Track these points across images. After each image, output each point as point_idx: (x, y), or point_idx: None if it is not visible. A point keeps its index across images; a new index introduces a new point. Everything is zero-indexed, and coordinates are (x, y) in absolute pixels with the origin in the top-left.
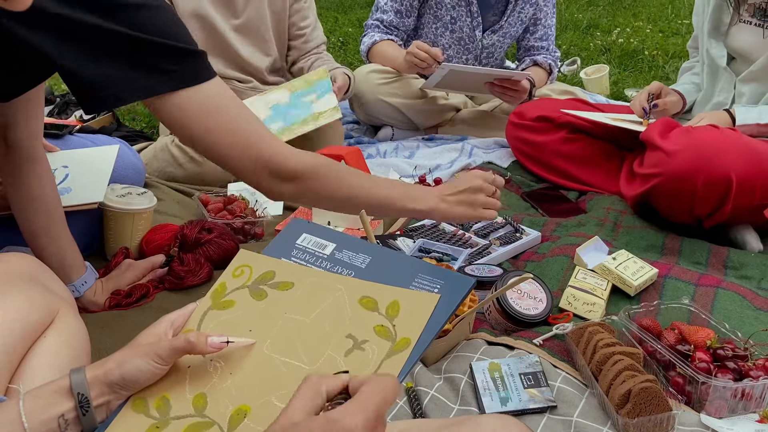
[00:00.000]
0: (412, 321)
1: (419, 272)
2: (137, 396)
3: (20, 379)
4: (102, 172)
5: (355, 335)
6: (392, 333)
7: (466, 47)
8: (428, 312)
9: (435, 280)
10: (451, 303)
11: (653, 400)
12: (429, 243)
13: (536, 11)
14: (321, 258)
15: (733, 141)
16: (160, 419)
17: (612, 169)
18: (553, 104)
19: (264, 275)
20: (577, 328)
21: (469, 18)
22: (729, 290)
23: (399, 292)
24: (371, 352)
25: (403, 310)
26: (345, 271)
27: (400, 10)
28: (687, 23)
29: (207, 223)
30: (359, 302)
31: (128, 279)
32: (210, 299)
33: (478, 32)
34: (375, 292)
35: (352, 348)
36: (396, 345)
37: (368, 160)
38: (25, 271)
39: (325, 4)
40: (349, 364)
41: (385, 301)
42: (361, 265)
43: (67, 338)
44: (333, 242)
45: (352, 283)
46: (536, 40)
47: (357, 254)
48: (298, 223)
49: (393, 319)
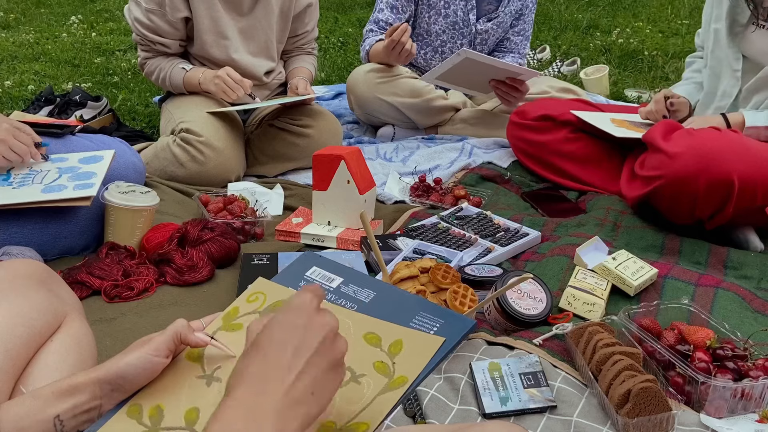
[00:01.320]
0: (413, 361)
1: (421, 310)
2: (134, 402)
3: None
4: (96, 172)
5: (354, 369)
6: (391, 370)
7: (460, 32)
8: (430, 354)
9: (435, 319)
10: (449, 343)
11: (653, 400)
12: (424, 245)
13: (522, 7)
14: (327, 290)
15: (735, 143)
16: (150, 428)
17: (612, 169)
18: (554, 104)
19: (276, 303)
20: (576, 328)
21: (463, 1)
22: (729, 291)
23: (404, 332)
24: (366, 387)
25: (406, 350)
26: (349, 304)
27: (396, 6)
28: (687, 23)
29: (209, 223)
30: (364, 337)
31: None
32: (221, 320)
33: (472, 16)
34: (381, 329)
35: (349, 380)
36: (392, 382)
37: (368, 160)
38: (33, 277)
39: (325, 4)
40: (343, 395)
41: (389, 338)
42: (365, 300)
43: (74, 342)
44: (341, 276)
45: (361, 319)
46: (514, 33)
47: (362, 289)
48: (309, 256)
49: (394, 356)
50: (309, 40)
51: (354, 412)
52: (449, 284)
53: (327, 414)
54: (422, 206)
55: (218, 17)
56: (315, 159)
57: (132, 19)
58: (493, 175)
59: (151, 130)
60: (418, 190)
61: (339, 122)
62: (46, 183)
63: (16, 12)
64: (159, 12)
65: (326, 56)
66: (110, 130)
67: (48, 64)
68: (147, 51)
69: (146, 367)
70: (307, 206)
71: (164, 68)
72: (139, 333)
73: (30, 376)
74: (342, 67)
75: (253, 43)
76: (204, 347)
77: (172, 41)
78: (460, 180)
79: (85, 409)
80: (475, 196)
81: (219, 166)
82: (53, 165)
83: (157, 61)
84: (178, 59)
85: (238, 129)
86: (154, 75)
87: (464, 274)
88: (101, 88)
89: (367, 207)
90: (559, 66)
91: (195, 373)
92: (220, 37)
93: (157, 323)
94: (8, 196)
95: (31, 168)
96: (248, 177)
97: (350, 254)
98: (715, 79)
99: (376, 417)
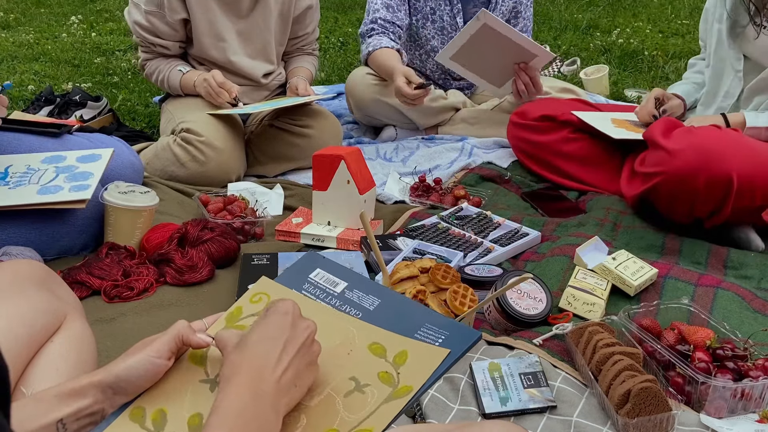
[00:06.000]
0: (417, 372)
1: (426, 321)
2: (137, 405)
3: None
4: (93, 172)
5: (359, 378)
6: (395, 380)
7: (449, 36)
8: (435, 365)
9: (440, 331)
10: (454, 354)
11: (653, 400)
12: (424, 245)
13: (516, 4)
14: (331, 295)
15: (735, 141)
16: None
17: (613, 169)
18: (555, 104)
19: None
20: (576, 328)
21: (449, 6)
22: (729, 291)
23: (410, 343)
24: (371, 396)
25: (410, 360)
26: (353, 311)
27: (390, 5)
28: (687, 23)
29: (209, 223)
30: (368, 347)
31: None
32: (224, 321)
33: (459, 20)
34: (386, 340)
35: (353, 390)
36: (397, 391)
37: (368, 160)
38: (33, 278)
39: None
40: (347, 405)
41: (394, 349)
42: (370, 307)
43: (74, 343)
44: (345, 281)
45: (365, 328)
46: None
47: (367, 295)
48: (313, 257)
49: (399, 367)
50: (309, 42)
51: (358, 421)
52: (449, 284)
53: (330, 423)
54: (422, 206)
55: (216, 20)
56: (315, 159)
57: (132, 22)
58: (493, 175)
59: (151, 130)
60: (418, 190)
61: (339, 122)
62: (43, 183)
63: (16, 12)
64: (158, 14)
65: (326, 56)
66: (110, 130)
67: (48, 64)
68: (147, 52)
69: (148, 369)
70: (307, 206)
71: (163, 70)
72: (139, 333)
73: (30, 376)
74: (342, 67)
75: (251, 46)
76: (207, 348)
77: (172, 43)
78: (460, 180)
79: (88, 413)
80: (475, 196)
81: (220, 166)
82: (50, 164)
83: (157, 62)
84: (177, 61)
85: (239, 129)
86: (153, 76)
87: (464, 274)
88: (101, 88)
89: (367, 207)
90: (559, 66)
91: (198, 377)
92: (217, 40)
93: (157, 323)
94: (4, 198)
95: (29, 167)
96: (248, 177)
97: (350, 254)
98: (717, 79)
99: (379, 425)
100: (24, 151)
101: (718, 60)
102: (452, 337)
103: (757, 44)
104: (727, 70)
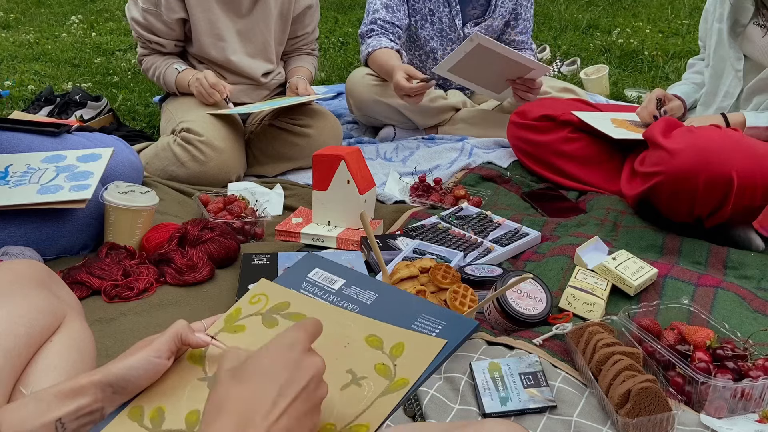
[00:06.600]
0: (414, 363)
1: (423, 312)
2: (136, 404)
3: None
4: (94, 172)
5: (355, 371)
6: (392, 372)
7: (448, 38)
8: (432, 356)
9: (438, 321)
10: (451, 345)
11: (653, 400)
12: (424, 245)
13: (516, 5)
14: (329, 292)
15: (735, 141)
16: (151, 430)
17: (613, 169)
18: (555, 104)
19: (279, 305)
20: (576, 328)
21: (447, 8)
22: (729, 291)
23: (406, 334)
24: (367, 389)
25: (407, 352)
26: (351, 306)
27: (389, 5)
28: (687, 23)
29: (209, 223)
30: (365, 339)
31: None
32: (223, 322)
33: (458, 21)
34: (383, 332)
35: (350, 383)
36: (393, 384)
37: (368, 160)
38: (33, 278)
39: (325, 4)
40: (344, 398)
41: (391, 341)
42: (367, 302)
43: (74, 342)
44: (343, 278)
45: (362, 320)
46: (517, 34)
47: (364, 291)
48: (311, 257)
49: (395, 359)
50: (309, 42)
51: (354, 414)
52: (449, 284)
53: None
54: (422, 206)
55: (215, 19)
56: (315, 159)
57: (130, 18)
58: (493, 175)
59: (151, 130)
60: (418, 190)
61: (339, 122)
62: (43, 183)
63: (16, 12)
64: (154, 12)
65: (326, 56)
66: (110, 130)
67: (48, 64)
68: (144, 48)
69: (147, 368)
70: (307, 206)
71: (159, 67)
72: (139, 333)
73: (30, 376)
74: (342, 67)
75: (250, 45)
76: (205, 348)
77: (168, 41)
78: (460, 180)
79: (87, 412)
80: (475, 196)
81: (220, 165)
82: (51, 164)
83: (153, 58)
84: (173, 58)
85: (239, 129)
86: (150, 72)
87: (464, 274)
88: (101, 88)
89: (367, 207)
90: (559, 66)
91: (196, 375)
92: (217, 39)
93: (157, 323)
94: (4, 197)
95: (29, 166)
96: (248, 177)
97: (350, 254)
98: (716, 79)
99: (376, 419)
100: (24, 150)
101: (718, 60)
102: (449, 328)
103: (757, 44)
104: (727, 70)
